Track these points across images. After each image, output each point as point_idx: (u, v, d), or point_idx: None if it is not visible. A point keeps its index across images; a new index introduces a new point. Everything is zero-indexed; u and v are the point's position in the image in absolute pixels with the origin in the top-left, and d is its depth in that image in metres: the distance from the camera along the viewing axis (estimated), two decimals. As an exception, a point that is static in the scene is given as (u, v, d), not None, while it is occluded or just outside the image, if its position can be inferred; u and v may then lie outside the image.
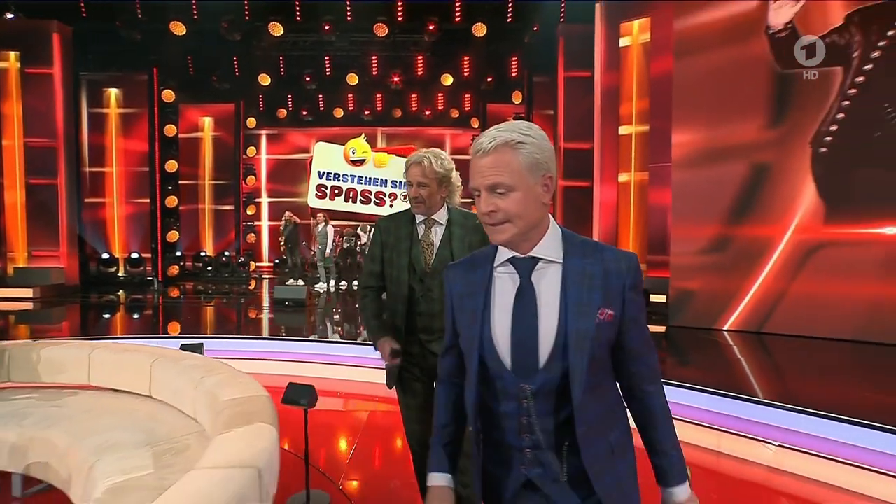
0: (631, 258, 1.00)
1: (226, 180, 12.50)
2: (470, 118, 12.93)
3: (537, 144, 0.94)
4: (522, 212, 0.94)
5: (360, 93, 12.49)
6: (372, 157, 13.80)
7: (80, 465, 2.11)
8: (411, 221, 1.96)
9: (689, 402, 3.39)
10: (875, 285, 4.86)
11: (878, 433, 2.70)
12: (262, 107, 12.74)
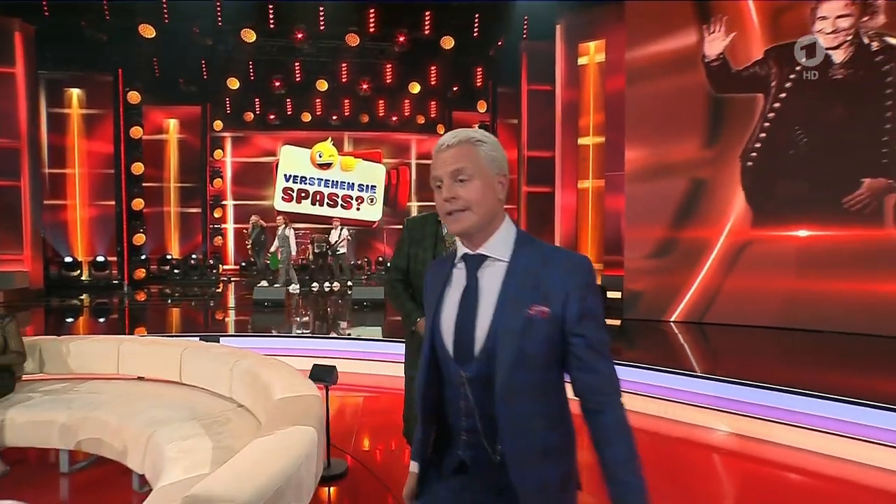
0: (580, 262, 1.01)
1: (192, 183, 12.44)
2: (436, 125, 13.42)
3: (494, 145, 1.02)
4: (482, 200, 0.97)
5: (328, 98, 12.75)
6: (339, 161, 14.07)
7: (137, 437, 2.47)
8: (437, 222, 2.19)
9: (640, 379, 4.04)
10: (792, 280, 5.74)
11: (788, 396, 3.42)
12: (229, 109, 12.75)
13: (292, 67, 11.42)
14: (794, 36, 5.64)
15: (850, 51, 5.34)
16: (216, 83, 11.52)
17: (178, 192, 12.37)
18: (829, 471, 2.91)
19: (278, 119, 13.21)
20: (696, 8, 6.03)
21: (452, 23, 9.64)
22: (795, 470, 2.95)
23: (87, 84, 10.16)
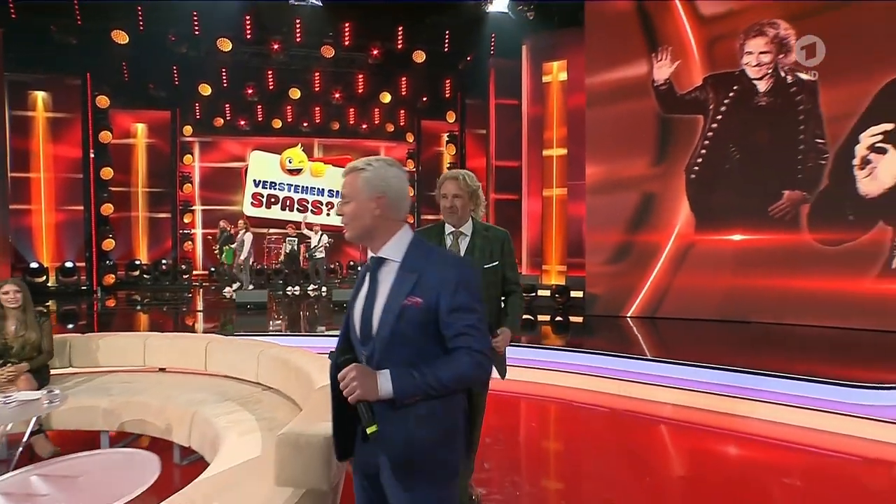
0: (455, 264, 1.26)
1: (161, 188, 12.42)
2: (405, 133, 13.92)
3: (376, 172, 1.23)
4: (355, 217, 1.22)
5: (299, 105, 13.02)
6: (309, 167, 14.33)
7: (181, 416, 2.88)
8: (441, 233, 2.30)
9: (601, 364, 4.72)
10: (729, 278, 6.62)
11: (725, 373, 4.17)
12: (199, 115, 12.81)
13: (266, 75, 11.67)
14: (727, 67, 6.54)
15: (771, 82, 6.28)
16: (187, 89, 11.61)
17: (147, 197, 12.32)
18: (755, 430, 3.63)
19: (249, 125, 13.36)
20: (645, 39, 6.85)
21: (424, 37, 10.21)
22: (730, 432, 3.65)
23: (53, 87, 10.07)
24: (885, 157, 5.73)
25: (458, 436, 1.27)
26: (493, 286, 2.28)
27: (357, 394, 1.15)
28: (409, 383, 1.16)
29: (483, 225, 2.33)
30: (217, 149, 13.92)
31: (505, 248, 2.30)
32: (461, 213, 2.23)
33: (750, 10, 6.42)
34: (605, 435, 3.74)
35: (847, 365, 4.70)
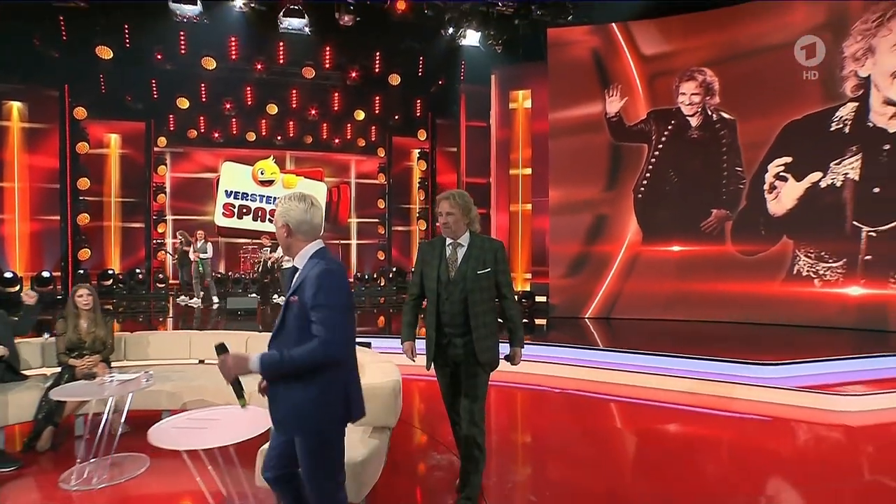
0: (320, 271, 1.71)
1: (134, 198, 12.62)
2: (376, 147, 14.71)
3: (281, 207, 1.82)
4: (279, 237, 1.83)
5: (274, 119, 13.57)
6: (281, 178, 14.84)
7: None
8: (442, 245, 2.64)
9: (562, 355, 5.73)
10: (671, 282, 7.84)
11: (663, 358, 5.26)
12: (174, 127, 13.12)
13: (244, 91, 12.20)
14: (666, 104, 7.83)
15: (701, 119, 7.61)
16: (165, 101, 11.97)
17: (120, 207, 12.49)
18: (687, 402, 4.70)
19: (223, 137, 13.75)
20: (599, 78, 8.05)
21: (399, 62, 11.12)
22: (666, 403, 4.71)
23: (30, 97, 10.24)
24: (787, 184, 7.12)
25: (330, 406, 1.75)
26: (487, 290, 2.61)
27: (231, 374, 1.76)
28: (270, 362, 1.68)
29: (480, 237, 2.65)
30: (189, 160, 14.19)
31: (498, 256, 2.63)
32: (454, 227, 2.56)
33: (682, 52, 7.72)
34: (562, 411, 4.72)
35: (759, 350, 5.92)
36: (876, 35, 6.57)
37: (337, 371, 1.76)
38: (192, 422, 2.53)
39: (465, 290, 2.56)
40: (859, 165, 6.73)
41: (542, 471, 3.42)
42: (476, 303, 2.56)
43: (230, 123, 13.59)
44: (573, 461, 3.51)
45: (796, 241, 7.20)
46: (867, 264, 6.76)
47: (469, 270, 2.55)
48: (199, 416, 2.61)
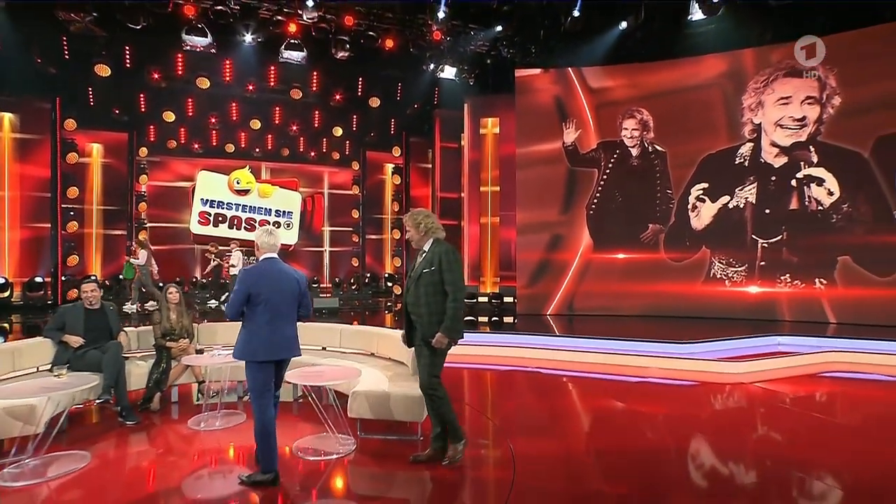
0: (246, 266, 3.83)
1: (116, 206, 13.20)
2: (350, 161, 15.93)
3: (255, 235, 3.35)
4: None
5: (254, 132, 14.53)
6: (256, 188, 15.73)
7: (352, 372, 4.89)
8: (419, 253, 3.43)
9: (525, 342, 7.27)
10: (617, 284, 9.62)
11: (609, 342, 6.91)
12: (154, 138, 13.80)
13: (229, 107, 13.15)
14: (612, 136, 9.66)
15: (639, 150, 9.50)
16: (150, 115, 12.72)
17: (101, 215, 13.03)
18: (627, 373, 6.34)
19: (202, 148, 14.54)
20: (558, 116, 9.79)
21: (380, 87, 12.49)
22: (612, 376, 6.33)
23: (21, 109, 10.79)
24: (704, 205, 9.10)
25: (252, 344, 3.12)
26: (433, 285, 3.26)
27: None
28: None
29: (439, 243, 3.32)
30: (165, 169, 14.83)
31: (442, 258, 3.26)
32: (415, 240, 3.35)
33: (625, 94, 9.59)
34: (527, 385, 6.27)
35: (683, 334, 7.73)
36: (764, 92, 8.67)
37: (258, 326, 3.15)
38: (309, 372, 3.84)
39: (418, 286, 3.28)
40: (755, 192, 8.79)
41: (509, 422, 4.91)
42: (423, 295, 3.27)
43: (210, 135, 14.41)
44: (533, 414, 5.03)
45: (712, 250, 9.17)
46: (762, 269, 8.80)
47: (420, 269, 3.26)
48: (311, 370, 3.91)
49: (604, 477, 3.46)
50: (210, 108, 13.02)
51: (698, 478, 3.53)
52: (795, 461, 3.62)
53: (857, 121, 8.14)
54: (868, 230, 8.09)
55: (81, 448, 3.76)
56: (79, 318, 4.64)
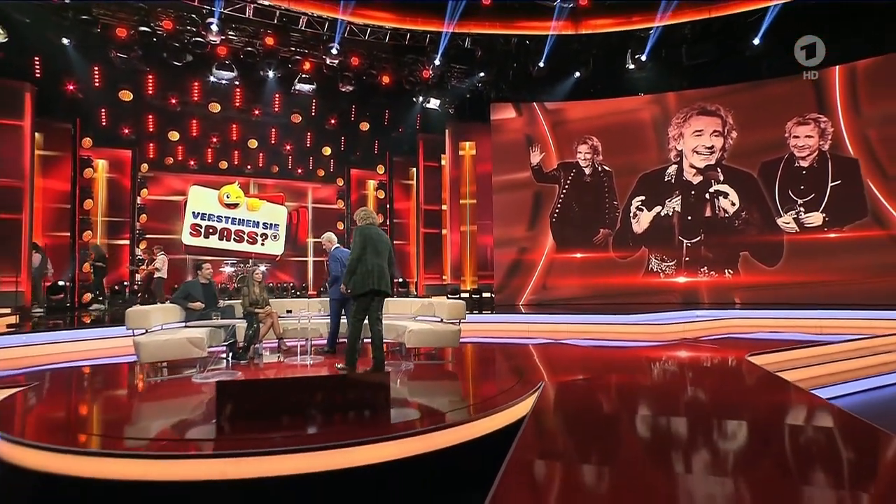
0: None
1: (119, 217, 14.57)
2: (335, 177, 17.92)
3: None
4: None
5: (248, 150, 16.29)
6: (245, 202, 17.39)
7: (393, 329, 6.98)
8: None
9: (504, 320, 9.59)
10: (576, 278, 12.13)
11: (568, 315, 9.33)
12: (154, 154, 15.30)
13: (230, 128, 14.92)
14: (569, 158, 12.27)
15: (591, 169, 12.16)
16: (156, 133, 14.30)
17: (106, 226, 14.36)
18: (578, 337, 8.72)
19: (197, 165, 16.13)
20: (526, 149, 12.34)
21: (370, 113, 14.69)
22: (574, 343, 8.70)
23: (45, 128, 12.18)
24: (642, 213, 11.84)
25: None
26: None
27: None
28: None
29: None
30: (160, 184, 16.28)
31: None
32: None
33: (579, 124, 12.26)
34: (501, 353, 8.56)
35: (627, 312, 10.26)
36: (683, 125, 11.57)
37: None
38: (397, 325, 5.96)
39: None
40: (680, 203, 11.60)
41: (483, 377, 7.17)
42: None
43: (206, 153, 16.04)
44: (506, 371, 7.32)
45: (649, 249, 11.88)
46: (686, 263, 11.57)
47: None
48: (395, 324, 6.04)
49: (572, 372, 5.77)
50: (212, 128, 14.74)
51: (631, 372, 5.92)
52: (687, 373, 6.08)
53: (748, 149, 11.14)
54: (759, 232, 11.03)
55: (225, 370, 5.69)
56: (198, 290, 6.52)
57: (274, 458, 3.14)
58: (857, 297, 9.82)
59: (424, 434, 3.51)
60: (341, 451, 3.25)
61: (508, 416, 3.91)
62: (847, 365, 6.25)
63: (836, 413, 3.94)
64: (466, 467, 3.54)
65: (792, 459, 3.16)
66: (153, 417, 4.32)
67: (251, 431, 3.52)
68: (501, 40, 10.71)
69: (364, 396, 3.93)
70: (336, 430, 3.63)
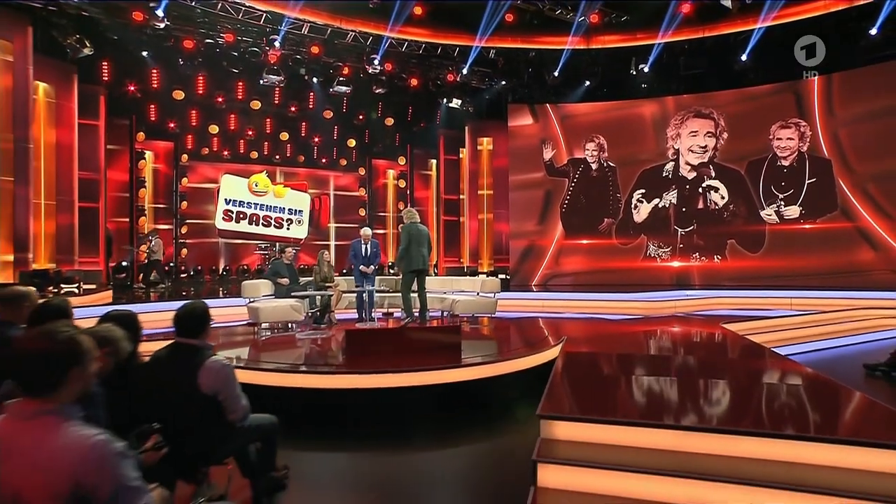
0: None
1: (163, 204, 16.30)
2: (357, 166, 19.62)
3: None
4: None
5: (277, 141, 17.95)
6: (272, 190, 19.11)
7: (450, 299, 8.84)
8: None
9: (518, 295, 11.45)
10: (582, 262, 13.98)
11: (576, 293, 11.20)
12: (192, 146, 16.96)
13: (265, 122, 16.57)
14: (578, 154, 14.01)
15: (598, 165, 13.93)
16: (199, 127, 15.95)
17: (153, 212, 16.10)
18: (585, 312, 10.57)
19: (230, 154, 17.80)
20: (540, 140, 14.07)
21: (394, 109, 16.35)
22: (579, 316, 10.54)
23: (109, 126, 13.83)
24: (642, 205, 13.65)
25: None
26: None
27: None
28: None
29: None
30: (194, 172, 17.97)
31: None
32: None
33: (587, 123, 13.99)
34: (509, 329, 10.42)
35: (627, 291, 12.09)
36: (680, 126, 13.33)
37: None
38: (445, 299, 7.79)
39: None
40: (676, 196, 13.41)
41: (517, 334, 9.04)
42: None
43: (239, 143, 17.70)
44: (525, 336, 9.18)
45: (648, 237, 13.71)
46: (681, 250, 13.42)
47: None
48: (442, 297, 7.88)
49: (584, 334, 7.65)
50: (248, 122, 16.40)
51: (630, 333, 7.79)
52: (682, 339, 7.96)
53: (736, 149, 12.92)
54: (745, 222, 12.87)
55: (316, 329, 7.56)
56: (284, 269, 8.35)
57: (384, 376, 5.00)
58: (826, 280, 11.70)
59: (489, 364, 5.37)
60: (430, 373, 5.10)
61: (545, 357, 5.77)
62: (796, 333, 8.15)
63: (780, 360, 5.82)
64: (517, 388, 5.40)
65: (745, 382, 5.04)
66: (295, 356, 6.18)
67: (367, 360, 5.38)
68: (521, 53, 12.37)
69: (443, 339, 5.78)
70: (423, 360, 5.47)
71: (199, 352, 2.83)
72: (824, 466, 2.91)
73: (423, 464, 4.27)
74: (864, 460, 2.86)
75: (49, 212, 10.41)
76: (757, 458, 2.99)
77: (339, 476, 4.07)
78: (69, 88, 10.80)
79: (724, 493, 2.78)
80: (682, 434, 3.18)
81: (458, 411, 5.06)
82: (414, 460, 4.33)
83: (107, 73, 12.50)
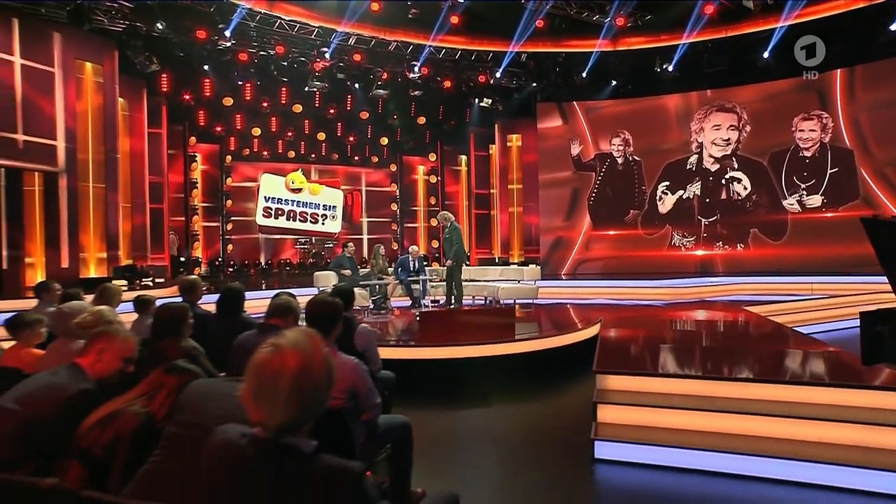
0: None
1: (211, 203, 17.69)
2: (389, 163, 20.77)
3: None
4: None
5: (313, 140, 19.17)
6: (308, 187, 20.39)
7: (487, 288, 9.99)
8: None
9: (552, 284, 12.53)
10: (609, 251, 14.97)
11: (604, 281, 12.25)
12: (234, 147, 18.28)
13: (304, 123, 17.81)
14: (604, 149, 14.96)
15: (623, 159, 14.87)
16: (243, 130, 17.26)
17: (202, 211, 17.49)
18: (611, 298, 11.59)
19: (270, 155, 19.08)
20: (568, 138, 15.04)
21: (426, 108, 17.45)
22: (603, 299, 11.57)
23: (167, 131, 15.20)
24: (667, 196, 14.56)
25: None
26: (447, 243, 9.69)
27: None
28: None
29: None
30: (235, 171, 19.28)
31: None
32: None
33: (612, 120, 14.91)
34: (550, 311, 11.49)
35: (654, 278, 13.01)
36: (704, 121, 14.18)
37: None
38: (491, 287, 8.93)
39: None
40: (700, 188, 14.30)
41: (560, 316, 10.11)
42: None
43: (278, 144, 18.98)
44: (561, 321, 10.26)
45: (672, 226, 14.64)
46: (704, 239, 14.33)
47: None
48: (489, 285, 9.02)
49: (617, 315, 8.71)
50: (289, 124, 17.65)
51: (657, 315, 8.83)
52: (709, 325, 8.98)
53: (759, 142, 13.75)
54: (767, 212, 13.72)
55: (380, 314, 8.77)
56: (346, 261, 9.57)
57: (455, 348, 6.16)
58: (847, 267, 12.52)
59: (541, 339, 6.49)
60: (491, 346, 6.23)
61: (587, 333, 6.88)
62: (816, 314, 9.11)
63: (795, 335, 6.83)
64: (565, 359, 6.52)
65: (764, 351, 6.09)
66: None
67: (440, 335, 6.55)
68: (551, 56, 13.36)
69: (497, 318, 6.92)
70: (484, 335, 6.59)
71: (349, 321, 3.99)
72: (817, 404, 3.98)
73: (501, 419, 5.41)
74: (843, 398, 3.93)
75: (125, 213, 11.77)
76: (763, 399, 4.07)
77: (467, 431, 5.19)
78: (140, 101, 12.13)
79: (735, 422, 3.87)
80: (705, 382, 4.27)
81: (518, 378, 6.20)
82: (492, 413, 5.49)
83: (166, 84, 13.81)
